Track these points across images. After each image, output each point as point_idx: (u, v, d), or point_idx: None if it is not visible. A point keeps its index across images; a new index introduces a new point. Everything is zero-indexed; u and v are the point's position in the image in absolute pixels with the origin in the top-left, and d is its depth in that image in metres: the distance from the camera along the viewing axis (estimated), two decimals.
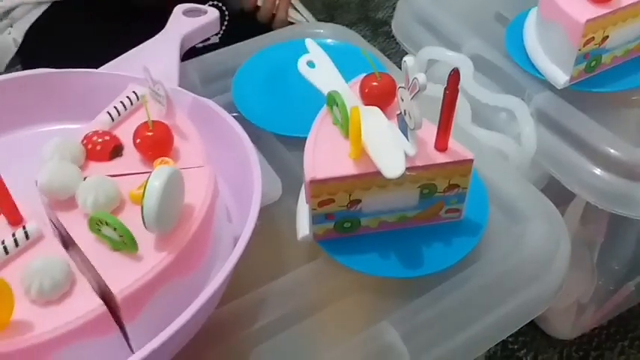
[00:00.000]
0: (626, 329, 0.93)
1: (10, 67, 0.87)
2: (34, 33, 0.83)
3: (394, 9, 1.18)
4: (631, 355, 0.91)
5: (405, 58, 0.43)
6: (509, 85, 0.66)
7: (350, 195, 0.46)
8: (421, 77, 0.42)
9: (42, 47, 0.83)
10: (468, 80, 0.66)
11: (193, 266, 0.42)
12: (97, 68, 0.58)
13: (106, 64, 0.60)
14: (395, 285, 0.49)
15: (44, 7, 0.82)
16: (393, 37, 1.46)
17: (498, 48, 0.70)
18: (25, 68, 0.58)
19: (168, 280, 0.40)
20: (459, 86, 0.43)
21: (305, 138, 0.51)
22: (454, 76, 0.42)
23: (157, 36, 0.65)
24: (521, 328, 0.50)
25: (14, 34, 0.84)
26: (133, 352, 0.40)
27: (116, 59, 0.61)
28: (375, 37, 1.39)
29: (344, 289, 0.49)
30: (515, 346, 0.91)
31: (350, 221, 0.48)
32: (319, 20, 1.45)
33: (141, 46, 0.63)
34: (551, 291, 0.50)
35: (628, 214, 0.60)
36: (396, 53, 1.30)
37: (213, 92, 0.64)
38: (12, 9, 0.83)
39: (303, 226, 0.49)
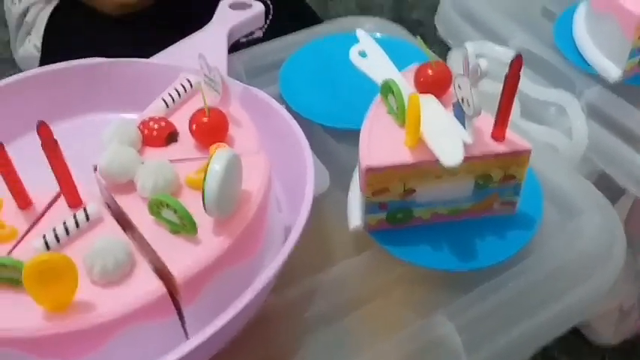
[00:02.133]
0: None
1: None
2: (49, 35, 0.83)
3: (428, 9, 1.16)
4: None
5: (466, 45, 0.43)
6: (559, 79, 0.65)
7: (405, 184, 0.46)
8: (483, 63, 0.41)
9: (60, 48, 0.83)
10: None
11: (249, 252, 0.42)
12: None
13: (156, 55, 0.60)
14: (447, 277, 0.48)
15: (54, 4, 0.82)
16: (426, 38, 1.45)
17: (546, 42, 0.68)
18: None
19: (225, 265, 0.39)
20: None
21: (352, 129, 0.51)
22: (517, 61, 0.41)
23: (203, 28, 0.65)
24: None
25: (34, 41, 0.84)
26: (187, 336, 0.40)
27: (165, 50, 0.61)
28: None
29: (396, 280, 0.48)
30: (556, 351, 0.89)
31: (403, 212, 0.48)
32: None
33: (188, 38, 0.64)
34: (608, 286, 0.48)
35: None
36: None
37: (259, 85, 0.64)
38: (25, 12, 0.84)
39: (355, 217, 0.49)
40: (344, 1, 1.52)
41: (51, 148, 0.38)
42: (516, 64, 0.41)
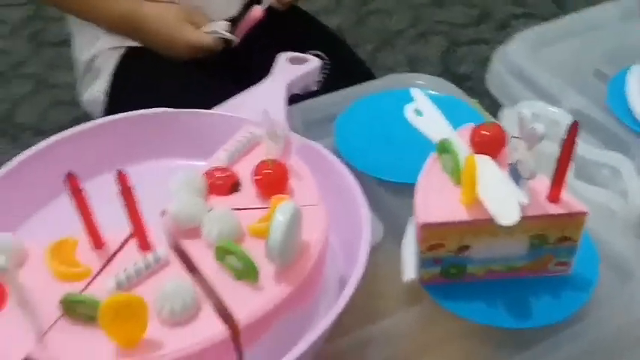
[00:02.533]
0: None
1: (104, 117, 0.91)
2: (116, 80, 0.88)
3: (476, 63, 1.17)
4: None
5: (523, 108, 0.44)
6: (612, 141, 0.65)
7: (460, 241, 0.47)
8: (540, 127, 0.42)
9: (126, 92, 0.88)
10: None
11: (306, 300, 0.43)
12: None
13: (219, 106, 0.63)
14: (500, 334, 0.48)
15: (121, 52, 0.88)
16: (475, 91, 1.47)
17: (599, 104, 0.69)
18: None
19: (284, 312, 0.41)
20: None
21: (405, 183, 0.52)
22: (574, 127, 0.43)
23: (263, 82, 0.68)
24: None
25: (100, 85, 0.89)
26: None
27: (227, 102, 0.64)
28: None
29: (448, 335, 0.49)
30: None
31: (457, 267, 0.48)
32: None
33: (249, 90, 0.67)
34: None
35: None
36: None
37: (314, 136, 0.66)
38: (94, 59, 0.89)
39: (409, 270, 0.50)
40: (393, 54, 1.56)
41: (127, 194, 0.41)
42: (573, 130, 0.42)
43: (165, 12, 0.80)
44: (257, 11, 0.82)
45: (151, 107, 0.62)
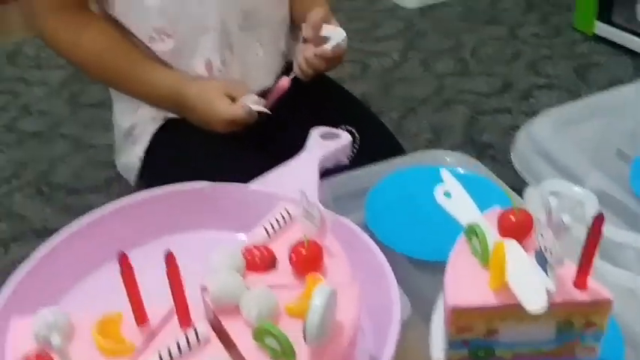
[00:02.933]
0: None
1: (138, 182, 0.96)
2: (154, 149, 0.92)
3: (499, 133, 1.19)
4: None
5: (548, 195, 0.46)
6: (635, 222, 0.67)
7: (488, 324, 0.48)
8: (566, 218, 0.44)
9: (162, 160, 0.91)
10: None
11: None
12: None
13: (256, 180, 0.66)
14: None
15: (159, 123, 0.92)
16: (497, 160, 1.49)
17: (621, 184, 0.71)
18: (149, 182, 0.63)
19: None
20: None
21: (433, 261, 0.54)
22: (599, 219, 0.44)
23: (297, 157, 0.71)
24: None
25: (137, 152, 0.93)
26: None
27: (264, 176, 0.67)
28: (479, 160, 1.42)
29: None
30: None
31: (485, 350, 0.49)
32: (426, 141, 1.52)
33: (284, 165, 0.70)
34: None
35: None
36: (500, 177, 1.32)
37: (344, 211, 0.69)
38: (133, 127, 0.94)
39: (437, 351, 0.51)
40: (417, 121, 1.60)
41: (174, 275, 0.43)
42: (598, 221, 0.44)
43: (205, 90, 0.83)
44: (284, 81, 0.86)
45: (186, 177, 0.65)
